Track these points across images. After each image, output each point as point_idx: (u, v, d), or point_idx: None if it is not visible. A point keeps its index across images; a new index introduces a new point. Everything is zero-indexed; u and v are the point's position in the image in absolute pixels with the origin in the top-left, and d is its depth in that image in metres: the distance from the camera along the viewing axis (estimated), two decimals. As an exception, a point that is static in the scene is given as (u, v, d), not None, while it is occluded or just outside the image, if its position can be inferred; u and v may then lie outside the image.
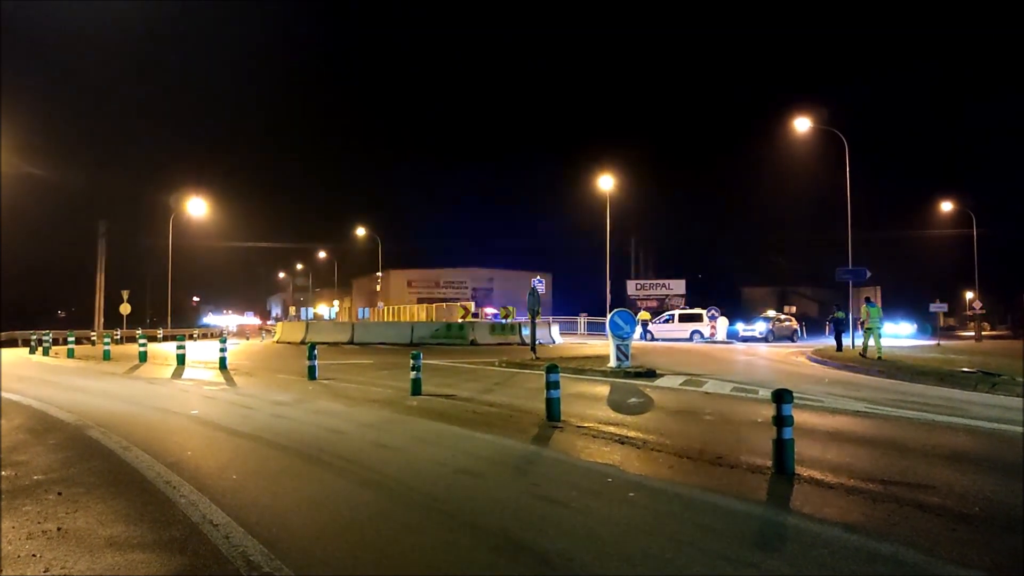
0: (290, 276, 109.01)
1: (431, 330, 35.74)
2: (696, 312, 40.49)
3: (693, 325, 38.91)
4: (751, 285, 76.82)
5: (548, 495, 6.23)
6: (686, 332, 38.66)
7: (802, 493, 6.34)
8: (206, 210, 47.87)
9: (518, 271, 68.86)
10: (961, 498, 6.20)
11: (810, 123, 32.90)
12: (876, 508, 5.90)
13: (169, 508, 5.77)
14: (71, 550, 4.75)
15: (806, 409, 10.89)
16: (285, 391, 14.22)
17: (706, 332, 38.28)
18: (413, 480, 6.80)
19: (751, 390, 13.85)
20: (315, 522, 5.52)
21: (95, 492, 6.25)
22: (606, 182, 46.16)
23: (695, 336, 38.16)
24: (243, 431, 9.51)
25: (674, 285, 55.54)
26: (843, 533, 5.19)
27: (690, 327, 38.86)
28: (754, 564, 4.62)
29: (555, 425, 9.63)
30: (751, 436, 9.00)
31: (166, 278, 46.61)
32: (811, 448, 8.09)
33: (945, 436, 9.39)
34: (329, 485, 6.69)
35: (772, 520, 5.74)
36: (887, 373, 17.63)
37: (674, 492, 6.42)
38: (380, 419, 10.59)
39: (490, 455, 8.00)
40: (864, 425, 10.19)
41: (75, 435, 9.12)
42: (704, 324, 38.65)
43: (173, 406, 12.14)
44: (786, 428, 6.83)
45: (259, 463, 7.69)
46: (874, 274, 30.84)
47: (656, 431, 9.37)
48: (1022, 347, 24.17)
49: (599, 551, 4.81)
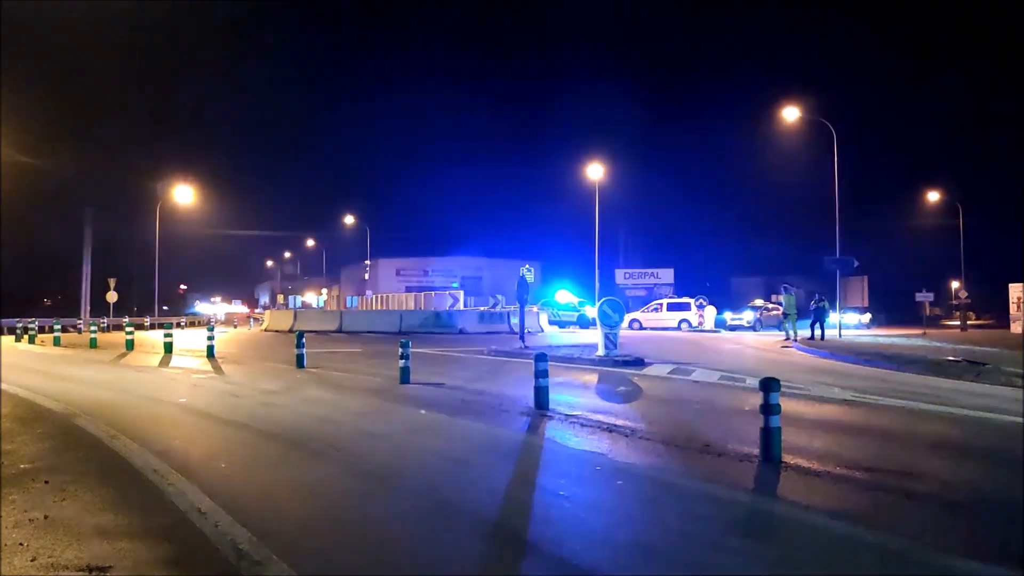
0: (278, 264, 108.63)
1: (420, 318, 35.72)
2: (684, 301, 40.51)
3: (681, 314, 38.90)
4: (740, 274, 77.05)
5: (537, 483, 6.25)
6: (674, 321, 38.65)
7: (789, 481, 6.38)
8: (193, 198, 47.49)
9: (507, 260, 68.86)
10: (946, 486, 6.26)
11: (799, 113, 32.98)
12: (862, 496, 5.95)
13: (157, 496, 5.75)
14: (58, 539, 4.73)
15: (793, 398, 10.95)
16: (274, 379, 14.18)
17: (694, 321, 38.32)
18: (402, 468, 6.81)
19: (739, 379, 13.91)
20: (304, 510, 5.52)
21: (82, 481, 6.22)
22: (595, 171, 46.14)
23: (683, 325, 38.15)
24: (231, 419, 9.49)
25: (663, 274, 55.64)
26: (830, 520, 5.23)
27: (678, 316, 38.85)
28: (741, 551, 4.65)
29: (544, 413, 9.65)
30: (739, 424, 9.04)
31: (153, 266, 46.35)
32: (798, 436, 8.14)
33: (931, 424, 9.47)
34: (318, 473, 6.69)
35: (759, 508, 5.78)
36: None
37: (662, 480, 6.45)
38: (369, 407, 10.58)
39: (479, 443, 8.01)
40: (850, 413, 10.26)
41: (62, 424, 9.07)
42: (692, 313, 38.66)
43: (161, 394, 12.10)
44: (773, 416, 6.87)
45: (247, 451, 7.67)
46: (861, 263, 31.02)
47: (644, 419, 9.41)
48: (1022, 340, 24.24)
49: (588, 538, 4.84)
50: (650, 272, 56.82)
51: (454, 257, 76.56)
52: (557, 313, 42.84)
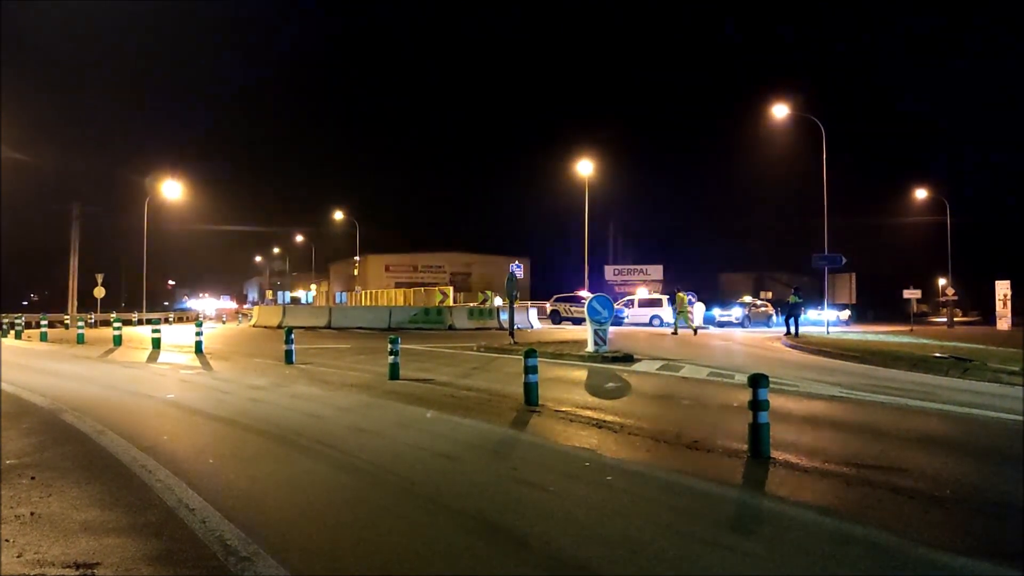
0: (267, 260, 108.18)
1: (409, 315, 35.64)
2: (657, 297, 39.69)
3: (653, 310, 38.13)
4: (729, 270, 77.29)
5: (526, 479, 6.25)
6: (646, 317, 37.99)
7: (777, 477, 6.41)
8: (182, 193, 47.19)
9: (496, 256, 68.89)
10: (934, 481, 6.29)
11: (788, 110, 33.08)
12: (850, 491, 5.98)
13: (145, 492, 5.72)
14: (45, 535, 4.70)
15: (781, 394, 10.99)
16: (262, 375, 14.13)
17: (666, 317, 37.08)
18: (391, 464, 6.79)
19: (727, 375, 13.95)
20: (292, 506, 5.50)
21: (69, 477, 6.18)
22: (585, 168, 46.16)
23: (654, 320, 37.47)
24: (220, 415, 9.45)
25: (652, 271, 55.75)
26: (818, 516, 5.26)
27: (650, 312, 38.18)
28: (730, 547, 4.67)
29: (533, 409, 9.65)
30: (727, 420, 9.08)
31: (141, 261, 46.05)
32: (786, 432, 8.17)
33: (918, 420, 9.53)
34: (307, 469, 6.66)
35: (748, 503, 5.80)
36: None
37: (651, 476, 6.46)
38: (358, 403, 10.56)
39: (468, 439, 8.01)
40: (838, 409, 10.31)
41: (49, 419, 9.02)
42: (665, 309, 37.48)
43: (149, 390, 12.04)
44: (762, 412, 6.89)
45: (236, 447, 7.64)
46: (849, 260, 31.16)
47: (633, 415, 9.42)
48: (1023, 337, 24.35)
49: (577, 534, 4.84)
50: (639, 268, 56.91)
51: (443, 253, 76.59)
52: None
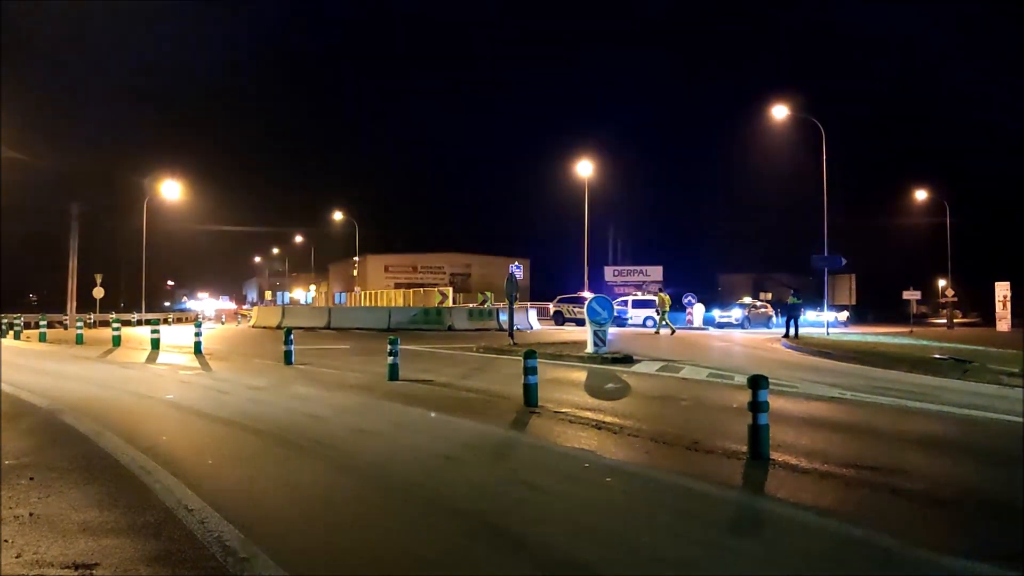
0: (266, 260, 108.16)
1: (408, 315, 35.61)
2: (650, 299, 39.43)
3: (646, 311, 37.85)
4: (728, 271, 77.31)
5: (526, 480, 6.24)
6: (640, 318, 37.71)
7: (777, 478, 6.40)
8: (181, 193, 47.07)
9: (496, 256, 68.87)
10: (933, 482, 6.29)
11: (788, 111, 33.09)
12: (850, 492, 5.98)
13: (144, 493, 5.71)
14: (44, 535, 4.69)
15: (781, 395, 10.98)
16: (261, 376, 14.13)
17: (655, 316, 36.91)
18: (390, 465, 6.78)
19: (727, 376, 13.95)
20: (292, 507, 5.50)
21: (68, 477, 6.17)
22: (585, 168, 46.12)
23: (647, 321, 37.19)
24: (219, 416, 9.44)
25: (652, 271, 55.70)
26: (817, 517, 5.25)
27: (643, 313, 37.99)
28: (730, 548, 4.67)
29: (533, 410, 9.64)
30: (727, 422, 9.07)
31: (140, 262, 46.00)
32: (786, 433, 8.17)
33: (917, 422, 9.53)
34: (306, 470, 6.66)
35: (747, 505, 5.80)
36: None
37: (651, 477, 6.46)
38: (357, 404, 10.55)
39: (468, 440, 8.00)
40: (838, 411, 10.31)
41: (48, 420, 9.01)
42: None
43: (148, 391, 12.02)
44: (761, 414, 6.88)
45: (235, 448, 7.63)
46: (849, 261, 31.16)
47: (633, 416, 9.42)
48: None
49: (576, 535, 4.83)
50: (639, 269, 56.83)
51: (443, 253, 76.58)
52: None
